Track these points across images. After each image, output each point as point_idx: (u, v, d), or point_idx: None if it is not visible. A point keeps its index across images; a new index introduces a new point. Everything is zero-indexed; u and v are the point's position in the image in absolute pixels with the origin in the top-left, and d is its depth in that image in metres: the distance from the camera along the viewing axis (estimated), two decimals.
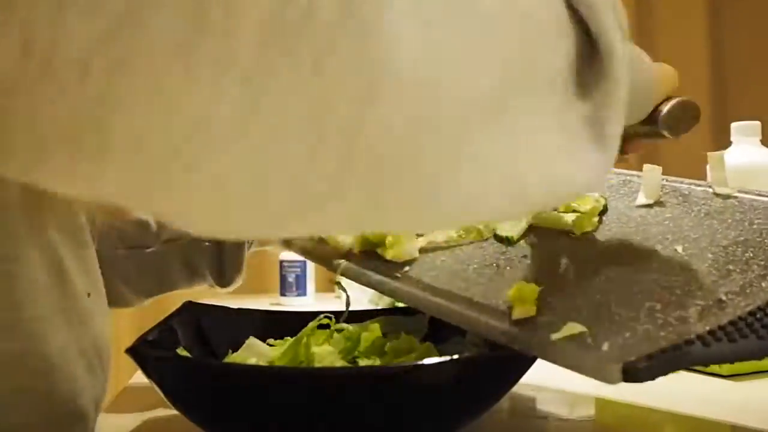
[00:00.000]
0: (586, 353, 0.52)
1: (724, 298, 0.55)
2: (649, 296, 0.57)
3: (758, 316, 0.53)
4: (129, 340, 0.64)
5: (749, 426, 0.69)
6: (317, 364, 0.69)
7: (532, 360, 0.63)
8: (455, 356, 0.61)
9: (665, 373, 0.49)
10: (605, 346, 0.51)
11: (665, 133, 0.60)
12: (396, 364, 0.69)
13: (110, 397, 0.76)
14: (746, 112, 1.56)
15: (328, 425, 0.58)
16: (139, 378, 0.89)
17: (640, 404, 0.76)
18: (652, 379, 0.49)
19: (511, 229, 0.73)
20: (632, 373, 0.49)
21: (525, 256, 0.69)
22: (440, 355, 0.71)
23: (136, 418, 0.76)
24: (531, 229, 0.73)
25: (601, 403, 0.78)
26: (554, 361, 0.54)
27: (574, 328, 0.54)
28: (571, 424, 0.72)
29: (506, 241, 0.72)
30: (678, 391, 0.80)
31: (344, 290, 0.78)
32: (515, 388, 0.65)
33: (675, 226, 0.68)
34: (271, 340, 0.76)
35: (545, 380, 0.80)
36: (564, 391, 0.82)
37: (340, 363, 0.70)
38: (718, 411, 0.73)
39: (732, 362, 0.51)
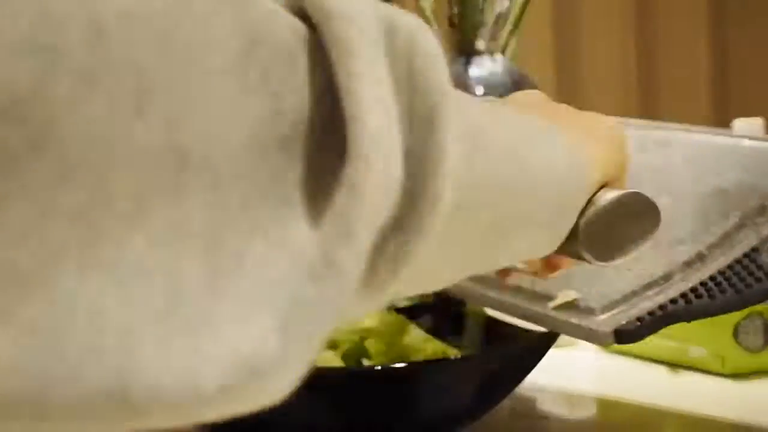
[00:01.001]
0: (582, 320, 0.56)
1: (704, 251, 0.58)
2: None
3: (736, 269, 0.56)
4: None
5: (750, 425, 0.69)
6: (319, 364, 0.69)
7: (536, 360, 0.63)
8: (458, 356, 0.61)
9: (653, 333, 0.54)
10: (598, 312, 0.55)
11: (587, 257, 0.45)
12: (397, 365, 0.69)
13: None
14: (749, 109, 1.56)
15: (330, 425, 0.58)
16: None
17: (640, 404, 0.76)
18: (642, 339, 0.54)
19: None
20: (624, 336, 0.54)
21: None
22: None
23: None
24: None
25: (601, 403, 0.78)
26: (552, 329, 0.59)
27: (568, 295, 0.56)
28: (571, 424, 0.72)
29: None
30: (678, 390, 0.80)
31: None
32: (515, 388, 0.65)
33: (658, 175, 0.67)
34: None
35: (545, 380, 0.80)
36: (564, 391, 0.82)
37: (339, 363, 0.70)
38: (718, 410, 0.73)
39: (713, 316, 0.56)
